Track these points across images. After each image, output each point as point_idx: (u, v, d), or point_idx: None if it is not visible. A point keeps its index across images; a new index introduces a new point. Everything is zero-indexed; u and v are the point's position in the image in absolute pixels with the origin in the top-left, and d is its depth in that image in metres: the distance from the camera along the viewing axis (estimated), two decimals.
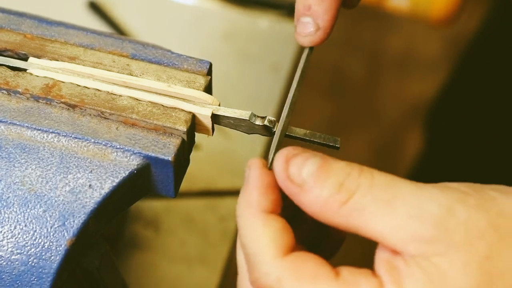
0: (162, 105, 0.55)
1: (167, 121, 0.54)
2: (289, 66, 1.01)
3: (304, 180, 0.45)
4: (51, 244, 0.52)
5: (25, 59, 0.58)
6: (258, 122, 0.55)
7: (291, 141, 0.54)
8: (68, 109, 0.55)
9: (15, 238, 0.52)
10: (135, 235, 0.87)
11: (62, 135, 0.54)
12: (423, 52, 2.07)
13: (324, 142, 0.54)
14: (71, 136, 0.54)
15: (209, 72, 0.58)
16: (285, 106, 0.54)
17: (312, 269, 0.44)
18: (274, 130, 0.55)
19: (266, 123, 0.55)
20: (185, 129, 0.54)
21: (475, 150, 1.33)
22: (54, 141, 0.54)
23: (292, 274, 0.44)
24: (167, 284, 0.85)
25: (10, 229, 0.52)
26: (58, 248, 0.51)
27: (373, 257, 0.45)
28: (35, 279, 0.52)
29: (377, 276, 0.43)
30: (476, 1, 1.85)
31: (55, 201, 0.52)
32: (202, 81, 0.57)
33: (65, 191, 0.52)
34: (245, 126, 0.56)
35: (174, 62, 0.59)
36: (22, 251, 0.52)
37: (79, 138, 0.54)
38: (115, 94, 0.56)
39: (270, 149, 0.51)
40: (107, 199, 0.53)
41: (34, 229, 0.52)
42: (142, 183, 0.55)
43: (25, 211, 0.52)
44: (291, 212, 0.47)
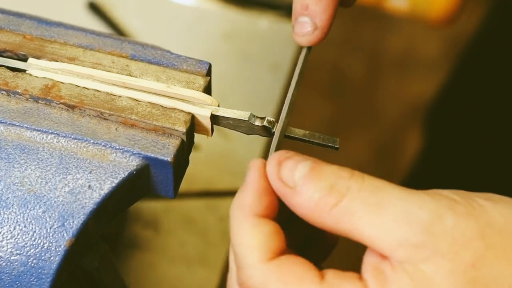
0: (162, 106, 0.55)
1: (167, 121, 0.54)
2: (288, 66, 1.01)
3: (296, 183, 0.45)
4: (50, 244, 0.52)
5: (24, 59, 0.58)
6: (257, 122, 0.55)
7: (290, 141, 0.54)
8: (68, 109, 0.55)
9: (15, 239, 0.52)
10: (134, 235, 0.87)
11: (62, 136, 0.54)
12: (423, 52, 2.07)
13: (323, 143, 0.54)
14: (70, 137, 0.54)
15: (209, 73, 0.58)
16: (284, 107, 0.54)
17: (297, 273, 0.44)
18: (274, 130, 0.55)
19: (266, 123, 0.55)
20: (184, 130, 0.54)
21: (475, 150, 1.33)
22: (54, 142, 0.54)
23: (277, 278, 0.44)
24: (167, 285, 0.85)
25: (10, 230, 0.52)
26: (57, 249, 0.51)
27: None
28: (35, 280, 0.52)
29: (362, 280, 0.43)
30: (476, 1, 1.85)
31: (55, 201, 0.52)
32: (201, 81, 0.57)
33: (65, 191, 0.52)
34: (244, 126, 0.56)
35: (174, 62, 0.59)
36: (21, 252, 0.52)
37: (79, 139, 0.54)
38: (114, 95, 0.56)
39: (270, 150, 0.51)
40: (106, 200, 0.53)
41: (34, 229, 0.52)
42: (142, 183, 0.55)
43: (24, 212, 0.52)
44: (286, 216, 0.47)
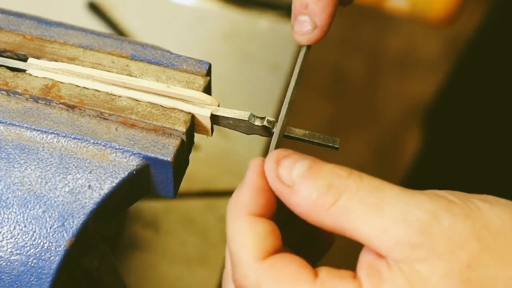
0: (162, 106, 0.55)
1: (166, 121, 0.54)
2: (288, 66, 1.01)
3: (294, 181, 0.45)
4: (50, 244, 0.52)
5: (24, 59, 0.58)
6: (257, 122, 0.55)
7: (290, 141, 0.54)
8: (68, 109, 0.55)
9: (15, 239, 0.52)
10: (134, 235, 0.87)
11: (62, 136, 0.54)
12: (423, 52, 2.07)
13: (323, 143, 0.54)
14: (70, 137, 0.54)
15: (209, 73, 0.59)
16: (283, 106, 0.54)
17: (291, 272, 0.44)
18: (273, 130, 0.55)
19: (265, 123, 0.55)
20: (184, 130, 0.54)
21: (474, 150, 1.33)
22: (54, 142, 0.54)
23: (271, 277, 0.44)
24: (167, 285, 0.85)
25: (10, 230, 0.52)
26: (57, 249, 0.52)
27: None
28: (35, 280, 0.52)
29: (357, 279, 0.43)
30: (476, 1, 1.85)
31: (55, 201, 0.52)
32: (201, 81, 0.57)
33: (65, 191, 0.52)
34: (244, 126, 0.56)
35: (174, 62, 0.59)
36: (21, 252, 0.52)
37: (79, 139, 0.54)
38: (114, 95, 0.56)
39: (269, 149, 0.51)
40: (106, 200, 0.53)
41: (34, 229, 0.52)
42: (142, 183, 0.55)
43: (24, 212, 0.52)
44: (284, 214, 0.47)
